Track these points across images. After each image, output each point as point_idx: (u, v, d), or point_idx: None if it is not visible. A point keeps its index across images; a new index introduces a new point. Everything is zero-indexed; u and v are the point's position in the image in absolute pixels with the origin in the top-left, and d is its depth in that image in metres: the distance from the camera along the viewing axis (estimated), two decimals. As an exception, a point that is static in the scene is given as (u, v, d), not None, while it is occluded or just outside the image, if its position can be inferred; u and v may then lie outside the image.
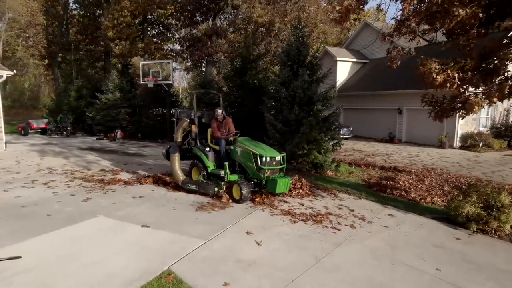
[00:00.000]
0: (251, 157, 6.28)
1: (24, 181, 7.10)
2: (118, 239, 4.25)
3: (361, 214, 5.84)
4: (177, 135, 7.46)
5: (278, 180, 6.01)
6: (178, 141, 7.42)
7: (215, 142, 7.03)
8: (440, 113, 5.73)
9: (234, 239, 4.45)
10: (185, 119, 7.48)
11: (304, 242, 4.49)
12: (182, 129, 7.49)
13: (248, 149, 6.38)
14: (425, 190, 8.05)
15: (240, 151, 6.55)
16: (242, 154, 6.49)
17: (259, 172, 6.19)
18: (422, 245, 4.72)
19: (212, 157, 6.90)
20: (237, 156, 6.62)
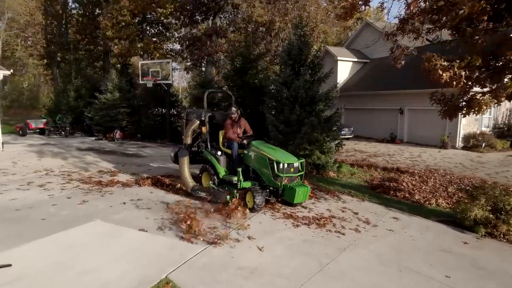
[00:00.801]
0: (267, 163, 5.73)
1: (19, 183, 6.94)
2: (114, 245, 4.10)
3: (365, 217, 5.69)
4: (186, 137, 6.95)
5: (297, 189, 5.56)
6: (188, 143, 6.95)
7: (227, 145, 6.49)
8: (449, 112, 5.57)
9: (235, 244, 4.30)
10: (195, 120, 6.97)
11: (307, 247, 4.34)
12: (192, 131, 7.01)
13: (263, 154, 5.82)
14: (429, 191, 7.89)
15: (254, 156, 5.98)
16: (257, 159, 5.92)
17: (275, 179, 5.66)
18: (429, 250, 4.57)
19: (224, 162, 6.38)
20: (251, 161, 6.05)
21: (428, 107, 15.74)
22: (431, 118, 16.14)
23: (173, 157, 7.30)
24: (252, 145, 6.13)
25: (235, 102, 7.61)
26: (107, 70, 21.65)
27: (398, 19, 8.80)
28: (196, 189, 6.22)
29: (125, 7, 17.92)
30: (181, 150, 6.89)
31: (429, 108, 15.86)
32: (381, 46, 18.68)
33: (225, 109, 12.56)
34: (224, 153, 6.48)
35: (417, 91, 16.11)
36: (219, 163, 6.35)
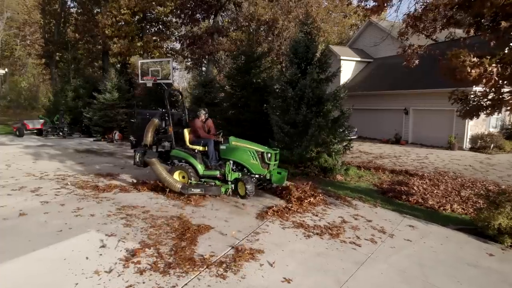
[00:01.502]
0: (254, 155, 6.44)
1: (11, 187, 6.55)
2: (109, 262, 3.69)
3: (380, 226, 5.31)
4: (147, 137, 6.80)
5: (283, 173, 6.59)
6: (149, 143, 6.79)
7: (203, 143, 6.77)
8: (471, 112, 5.19)
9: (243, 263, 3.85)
10: (155, 119, 6.92)
11: (322, 262, 3.96)
12: (153, 130, 6.88)
13: (249, 148, 6.52)
14: (442, 196, 7.55)
15: (237, 150, 6.53)
16: (242, 153, 6.49)
17: (264, 168, 6.46)
18: (454, 264, 4.19)
19: (200, 159, 6.66)
20: (233, 155, 6.55)
21: (434, 107, 15.63)
22: (437, 118, 15.82)
23: (139, 161, 6.83)
24: (232, 140, 6.66)
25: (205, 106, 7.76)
26: (106, 69, 21.26)
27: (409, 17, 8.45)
28: (186, 187, 6.16)
29: (125, 5, 17.55)
30: (148, 152, 6.67)
31: (435, 108, 15.68)
32: (387, 45, 18.34)
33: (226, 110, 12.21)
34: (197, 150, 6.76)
35: (423, 91, 15.78)
36: (197, 160, 6.56)
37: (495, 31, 4.59)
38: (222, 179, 6.54)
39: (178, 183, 6.26)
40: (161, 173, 6.35)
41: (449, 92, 5.66)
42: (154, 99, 16.98)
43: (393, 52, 18.94)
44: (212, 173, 6.53)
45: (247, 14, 17.67)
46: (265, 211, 5.60)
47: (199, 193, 6.12)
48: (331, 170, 8.59)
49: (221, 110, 12.25)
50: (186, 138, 6.87)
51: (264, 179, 6.57)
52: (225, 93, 12.46)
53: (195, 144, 6.80)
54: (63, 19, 25.70)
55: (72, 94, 20.12)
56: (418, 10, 8.31)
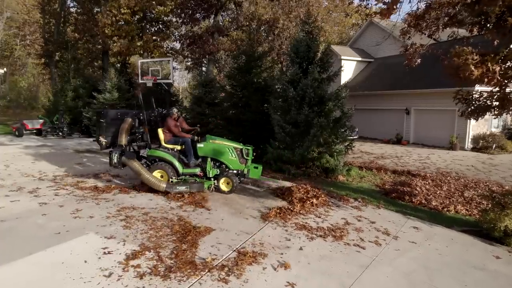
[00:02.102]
0: (232, 151, 6.76)
1: (9, 188, 6.46)
2: (108, 265, 3.59)
3: (383, 228, 5.22)
4: (121, 138, 6.72)
5: (259, 167, 7.03)
6: (124, 144, 6.68)
7: (181, 142, 6.82)
8: (476, 112, 5.10)
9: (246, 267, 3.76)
10: (128, 119, 6.84)
11: (326, 265, 3.87)
12: (128, 131, 6.81)
13: (228, 145, 6.81)
14: (445, 197, 7.47)
15: (216, 148, 6.75)
16: (221, 150, 6.74)
17: (242, 163, 6.82)
18: (460, 266, 4.11)
19: (179, 158, 6.74)
20: (211, 153, 6.75)
21: (436, 107, 15.55)
22: (439, 118, 15.73)
23: (117, 163, 6.64)
24: (209, 138, 6.87)
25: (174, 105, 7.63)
26: (106, 69, 21.16)
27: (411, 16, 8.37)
28: (171, 186, 6.20)
29: (125, 5, 17.44)
30: (127, 153, 6.60)
31: (437, 108, 15.58)
32: (388, 45, 18.27)
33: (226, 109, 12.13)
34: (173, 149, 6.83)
35: (424, 91, 15.69)
36: (176, 159, 6.64)
37: (501, 28, 4.50)
38: (201, 176, 6.75)
39: (162, 182, 6.23)
40: (143, 174, 6.26)
41: (453, 92, 5.57)
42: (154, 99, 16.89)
43: (394, 52, 18.93)
44: (192, 171, 6.69)
45: (247, 14, 17.59)
46: (267, 212, 5.52)
47: (184, 190, 6.21)
48: (333, 171, 8.51)
49: (222, 110, 12.15)
50: (161, 137, 6.85)
51: (242, 174, 6.91)
52: (226, 93, 12.36)
53: (171, 143, 6.83)
54: (62, 18, 25.59)
55: (72, 94, 20.04)
56: (421, 9, 8.23)
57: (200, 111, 12.89)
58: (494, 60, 4.24)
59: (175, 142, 6.84)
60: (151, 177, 6.24)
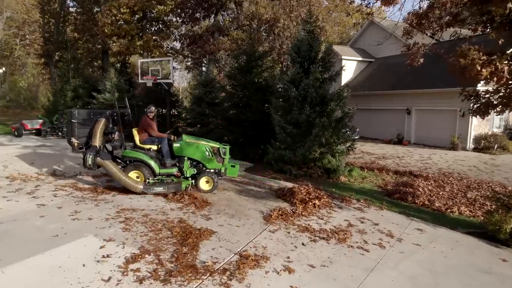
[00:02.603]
0: (209, 150, 6.72)
1: (7, 189, 6.37)
2: (107, 269, 3.50)
3: (387, 229, 5.14)
4: (95, 138, 6.51)
5: (236, 166, 7.05)
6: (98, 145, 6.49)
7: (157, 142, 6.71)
8: (480, 109, 5.02)
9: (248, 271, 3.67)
10: (102, 119, 6.69)
11: (330, 269, 3.79)
12: (102, 132, 6.64)
13: (205, 144, 6.79)
14: (448, 198, 7.40)
15: (193, 147, 6.70)
16: (198, 150, 6.70)
17: (219, 162, 6.81)
18: (466, 270, 4.03)
19: (155, 158, 6.63)
20: (188, 152, 6.68)
21: (437, 107, 15.46)
22: (440, 118, 15.65)
23: (91, 163, 6.41)
24: (185, 138, 6.81)
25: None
26: (106, 69, 21.07)
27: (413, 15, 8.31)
28: (148, 187, 6.13)
29: (125, 4, 17.35)
30: (102, 154, 6.45)
31: (438, 108, 15.50)
32: (388, 45, 18.17)
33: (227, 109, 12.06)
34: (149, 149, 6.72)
35: (425, 91, 15.61)
36: (152, 159, 6.55)
37: (510, 28, 4.43)
38: (179, 176, 6.69)
39: (139, 183, 6.12)
40: (119, 175, 6.12)
41: (459, 91, 5.48)
42: (154, 99, 16.82)
43: (395, 52, 18.84)
44: (169, 171, 6.62)
45: (248, 13, 17.50)
46: (269, 214, 5.43)
47: (161, 191, 6.15)
48: (334, 171, 8.43)
49: (222, 110, 12.07)
50: (136, 137, 6.73)
51: (219, 172, 6.88)
52: (226, 93, 12.28)
53: (147, 143, 6.72)
54: (62, 18, 25.51)
55: (72, 94, 19.97)
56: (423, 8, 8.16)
57: (200, 111, 12.82)
58: (502, 60, 4.15)
59: (151, 142, 6.72)
60: (127, 178, 6.11)
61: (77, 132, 6.73)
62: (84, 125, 6.81)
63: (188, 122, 14.73)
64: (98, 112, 7.13)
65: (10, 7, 36.62)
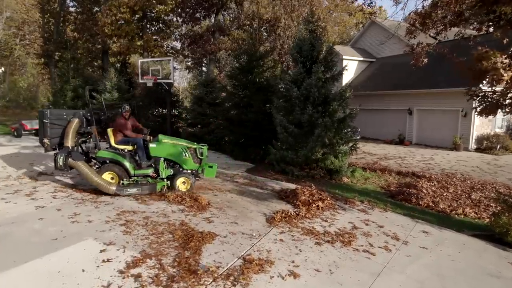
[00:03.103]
0: (186, 151, 6.64)
1: (6, 191, 6.27)
2: (107, 275, 3.40)
3: (392, 232, 5.05)
4: (67, 139, 6.33)
5: (214, 167, 6.88)
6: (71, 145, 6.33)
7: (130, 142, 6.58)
8: (488, 109, 4.93)
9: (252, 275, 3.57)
10: (75, 119, 6.55)
11: (336, 273, 3.69)
12: (74, 132, 6.49)
13: (181, 144, 6.71)
14: (452, 199, 7.32)
15: (170, 148, 6.61)
16: (174, 150, 6.60)
17: (196, 163, 6.71)
18: (475, 274, 3.94)
19: (130, 159, 6.53)
20: (164, 153, 6.58)
21: (439, 107, 15.36)
22: (442, 118, 15.55)
23: (62, 164, 6.24)
24: (162, 138, 6.70)
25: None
26: (106, 69, 20.98)
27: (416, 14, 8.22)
28: (121, 188, 6.03)
29: (125, 4, 17.26)
30: (74, 154, 6.26)
31: (440, 109, 15.41)
32: (390, 44, 18.08)
33: (227, 110, 11.98)
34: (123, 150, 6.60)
35: (427, 91, 15.52)
36: (127, 160, 6.44)
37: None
38: (155, 177, 6.57)
39: (112, 185, 6.02)
40: (91, 176, 6.00)
41: (465, 90, 5.39)
42: (155, 99, 16.74)
43: (396, 52, 18.75)
44: (145, 172, 6.51)
45: (249, 13, 17.40)
46: (271, 216, 5.34)
47: (135, 192, 6.04)
48: (337, 172, 8.33)
49: (223, 110, 11.99)
50: (111, 138, 6.62)
51: (196, 173, 6.82)
52: (227, 93, 12.20)
53: (122, 144, 6.60)
54: (62, 18, 25.41)
55: (72, 94, 19.88)
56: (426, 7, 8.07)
57: (201, 111, 12.74)
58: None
59: (125, 143, 6.61)
60: (100, 180, 6.00)
61: (49, 133, 6.56)
62: (57, 125, 6.63)
63: (189, 122, 14.64)
64: (71, 112, 6.97)
65: (10, 6, 36.50)
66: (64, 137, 6.44)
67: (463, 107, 14.04)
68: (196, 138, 13.49)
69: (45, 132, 6.57)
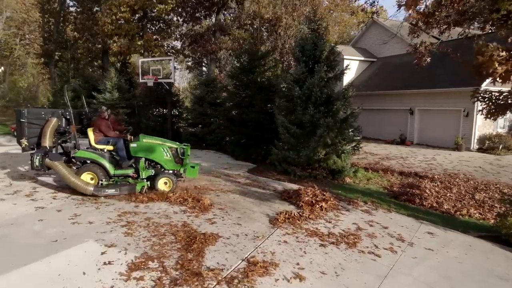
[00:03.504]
0: (167, 151, 6.54)
1: (5, 191, 6.20)
2: (108, 278, 3.32)
3: (397, 233, 4.99)
4: (45, 139, 6.24)
5: (196, 167, 6.74)
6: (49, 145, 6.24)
7: (109, 142, 6.53)
8: (494, 111, 4.86)
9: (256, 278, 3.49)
10: (53, 119, 6.46)
11: (342, 276, 3.62)
12: (52, 131, 6.39)
13: (162, 144, 6.61)
14: (456, 199, 7.25)
15: (151, 148, 6.51)
16: (155, 150, 6.50)
17: (178, 163, 6.59)
18: (483, 277, 3.87)
19: (110, 159, 6.45)
20: (145, 153, 6.50)
21: (440, 107, 15.29)
22: (444, 118, 15.48)
23: (39, 165, 6.16)
24: (143, 138, 6.62)
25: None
26: (106, 69, 20.91)
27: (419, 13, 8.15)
28: (99, 189, 5.93)
29: (125, 3, 17.18)
30: (51, 155, 6.17)
31: (442, 109, 15.34)
32: (391, 44, 18.00)
33: (229, 109, 11.91)
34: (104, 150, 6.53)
35: (429, 91, 15.45)
36: (106, 160, 6.36)
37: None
38: (135, 178, 6.46)
39: (89, 185, 5.93)
40: (68, 176, 5.90)
41: (471, 91, 5.32)
42: (155, 99, 16.66)
43: (398, 51, 18.69)
44: (125, 172, 6.41)
45: (249, 12, 17.33)
46: (275, 217, 5.27)
47: (114, 193, 5.96)
48: (339, 172, 8.27)
49: (224, 110, 11.91)
50: (91, 137, 6.58)
51: (178, 173, 6.66)
52: (228, 93, 12.13)
53: (102, 144, 6.54)
54: (62, 17, 25.33)
55: (71, 93, 19.80)
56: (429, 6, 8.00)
57: (202, 111, 12.68)
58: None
59: (105, 142, 6.55)
60: (77, 180, 5.90)
61: (27, 132, 6.46)
62: (35, 124, 6.52)
63: (190, 122, 14.57)
64: (50, 111, 6.87)
65: (9, 6, 36.43)
66: (41, 136, 6.33)
67: (465, 107, 13.97)
68: (197, 138, 13.46)
69: (22, 131, 6.47)
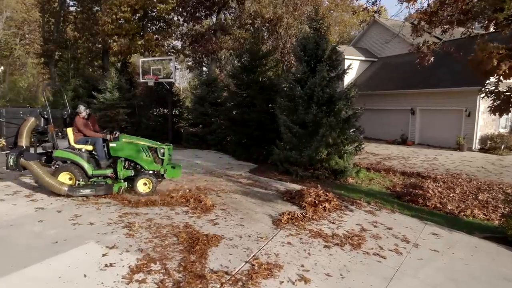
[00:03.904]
0: (146, 151, 6.42)
1: (5, 192, 6.14)
2: (110, 280, 3.26)
3: (402, 234, 4.93)
4: (21, 138, 6.13)
5: (177, 167, 6.63)
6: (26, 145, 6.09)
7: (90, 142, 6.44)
8: (501, 107, 4.81)
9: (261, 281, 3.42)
10: (30, 118, 6.36)
11: (347, 278, 3.56)
12: (29, 131, 6.29)
13: (142, 144, 6.45)
14: (459, 200, 7.19)
15: (130, 147, 6.40)
16: (134, 150, 6.38)
17: (157, 164, 6.46)
18: (490, 279, 3.81)
19: (88, 159, 6.35)
20: (124, 153, 6.39)
21: (442, 107, 15.23)
22: (445, 118, 15.43)
23: (13, 164, 6.08)
24: (122, 137, 6.50)
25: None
26: (106, 68, 20.85)
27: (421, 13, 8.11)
28: (74, 189, 5.83)
29: (125, 3, 17.12)
30: (26, 154, 6.06)
31: (443, 108, 15.28)
32: (392, 44, 17.94)
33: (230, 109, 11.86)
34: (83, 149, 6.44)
35: (430, 91, 15.40)
36: (84, 159, 6.27)
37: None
38: (114, 178, 6.40)
39: (64, 185, 5.83)
40: (42, 176, 5.81)
41: (478, 89, 5.26)
42: (156, 99, 16.61)
43: (399, 51, 18.62)
44: (103, 172, 6.34)
45: (250, 12, 17.27)
46: (278, 218, 5.21)
47: (89, 194, 5.87)
48: (342, 172, 8.21)
49: (225, 109, 11.86)
50: (70, 137, 6.50)
51: (158, 174, 6.52)
52: (229, 93, 12.07)
53: (81, 143, 6.46)
54: (62, 17, 25.28)
55: (72, 93, 19.75)
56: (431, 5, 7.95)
57: (203, 111, 12.62)
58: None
59: (84, 142, 6.47)
60: (51, 180, 5.80)
61: (5, 132, 6.42)
62: (13, 124, 6.47)
63: (190, 122, 14.51)
64: (28, 110, 6.84)
65: (10, 6, 36.38)
66: (18, 136, 6.24)
67: (467, 107, 13.92)
68: (198, 138, 13.41)
69: (0, 131, 6.45)
